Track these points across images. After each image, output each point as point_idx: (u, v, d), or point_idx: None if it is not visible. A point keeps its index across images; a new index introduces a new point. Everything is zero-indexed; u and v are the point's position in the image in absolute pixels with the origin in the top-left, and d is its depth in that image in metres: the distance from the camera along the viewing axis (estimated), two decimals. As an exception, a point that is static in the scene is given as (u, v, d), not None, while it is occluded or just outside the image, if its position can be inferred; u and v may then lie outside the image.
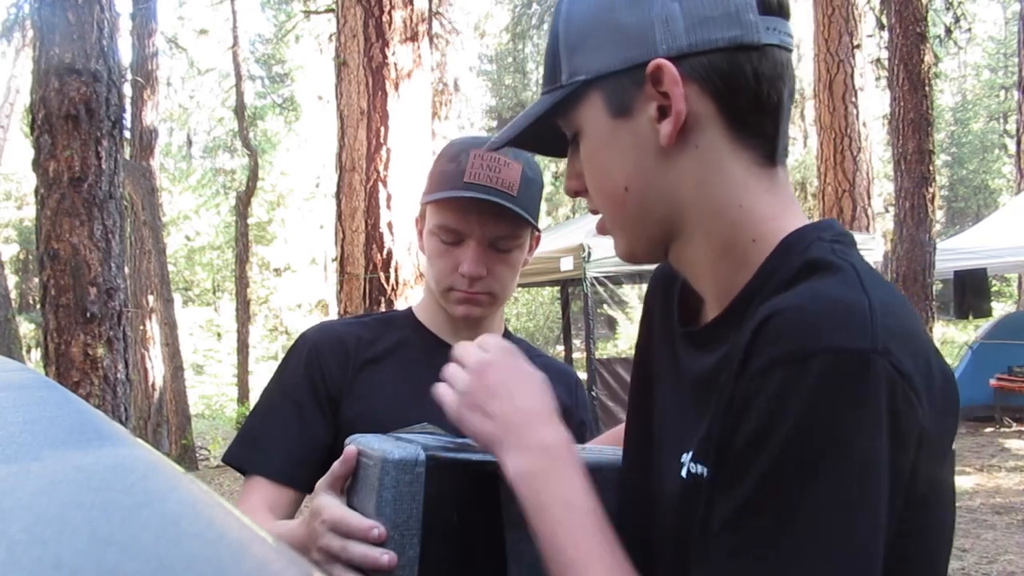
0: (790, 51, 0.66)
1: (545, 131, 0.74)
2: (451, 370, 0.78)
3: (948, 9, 10.05)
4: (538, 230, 1.21)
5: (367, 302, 4.06)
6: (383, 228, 4.08)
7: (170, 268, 12.73)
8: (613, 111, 0.66)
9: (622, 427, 0.92)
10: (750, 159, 0.65)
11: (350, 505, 0.84)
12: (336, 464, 0.85)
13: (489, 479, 0.76)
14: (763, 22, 0.63)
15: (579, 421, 1.27)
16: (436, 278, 1.17)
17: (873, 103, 11.09)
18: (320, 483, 0.87)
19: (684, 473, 0.65)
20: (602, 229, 0.74)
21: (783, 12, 0.65)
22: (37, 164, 3.94)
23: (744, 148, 0.65)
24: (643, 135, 0.65)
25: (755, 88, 0.63)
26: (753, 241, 0.65)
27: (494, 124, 25.64)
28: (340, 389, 1.16)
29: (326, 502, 0.83)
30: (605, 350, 14.34)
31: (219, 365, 18.86)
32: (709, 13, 0.62)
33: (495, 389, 0.74)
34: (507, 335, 1.31)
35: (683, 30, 0.63)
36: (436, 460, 0.77)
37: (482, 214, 1.12)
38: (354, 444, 0.85)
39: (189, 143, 22.22)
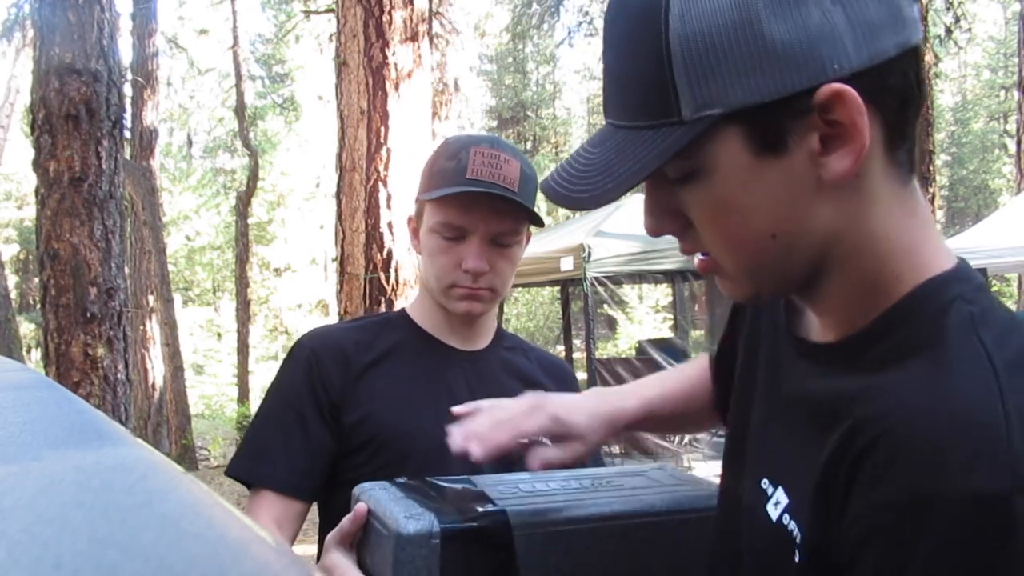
0: None
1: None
2: None
3: (948, 9, 10.05)
4: (541, 224, 1.21)
5: (367, 302, 4.06)
6: (383, 228, 4.08)
7: (170, 268, 12.73)
8: (759, 148, 0.54)
9: (681, 371, 0.96)
10: (896, 178, 0.56)
11: (361, 563, 0.84)
12: (346, 521, 0.84)
13: (505, 545, 0.78)
14: (915, 10, 0.54)
15: None
16: (437, 275, 1.17)
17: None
18: (329, 539, 0.86)
19: (772, 512, 0.61)
20: (709, 269, 0.62)
21: None
22: (37, 164, 3.94)
23: (893, 166, 0.56)
24: (799, 173, 0.54)
25: (915, 96, 0.55)
26: (896, 277, 0.57)
27: (494, 124, 25.64)
28: (341, 396, 1.15)
29: (338, 562, 0.83)
30: (605, 350, 14.34)
31: (219, 365, 18.85)
32: (876, 18, 0.52)
33: None
34: (500, 332, 1.31)
35: (852, 43, 0.51)
36: (451, 531, 0.77)
37: (485, 210, 1.13)
38: (363, 497, 0.85)
39: (189, 143, 22.22)
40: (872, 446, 0.51)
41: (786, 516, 0.60)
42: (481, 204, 1.12)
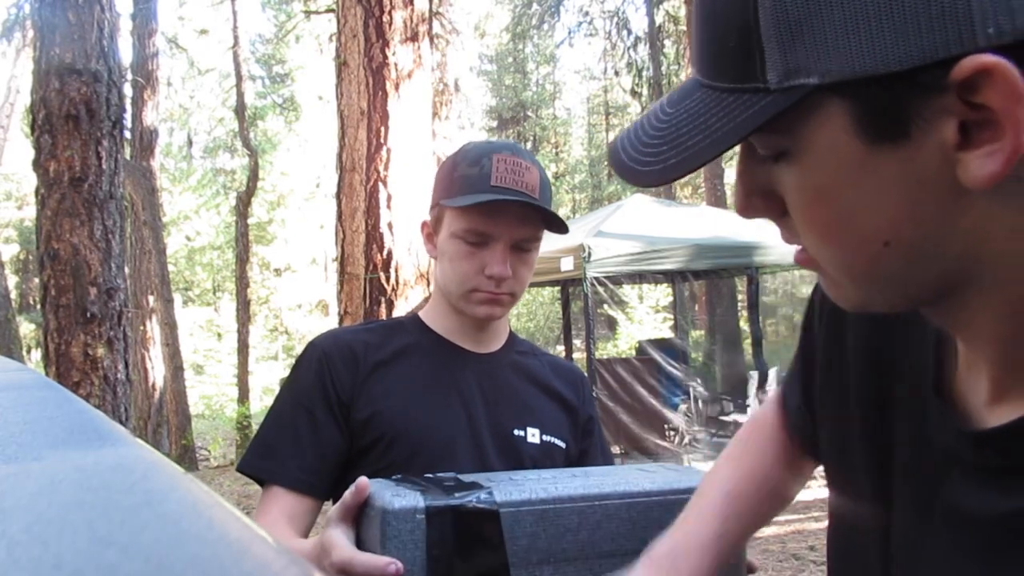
0: None
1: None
2: None
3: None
4: (566, 229, 1.22)
5: (367, 302, 4.06)
6: (383, 228, 4.08)
7: (170, 268, 12.74)
8: (871, 134, 0.41)
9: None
10: None
11: (359, 539, 0.87)
12: (347, 494, 0.87)
13: (491, 520, 0.82)
14: None
15: (587, 416, 1.30)
16: (459, 280, 1.18)
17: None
18: (331, 513, 0.89)
19: None
20: (807, 265, 0.50)
21: None
22: (37, 164, 3.94)
23: None
24: (926, 169, 0.41)
25: None
26: None
27: (494, 124, 25.65)
28: (351, 394, 1.17)
29: (336, 540, 0.86)
30: (605, 350, 14.35)
31: (219, 365, 18.86)
32: None
33: None
34: (512, 336, 1.32)
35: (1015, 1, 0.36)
36: (435, 506, 0.82)
37: (510, 217, 1.14)
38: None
39: (189, 143, 22.22)
40: None
41: None
42: (506, 211, 1.14)
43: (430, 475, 0.95)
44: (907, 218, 0.42)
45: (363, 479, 0.87)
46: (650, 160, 0.47)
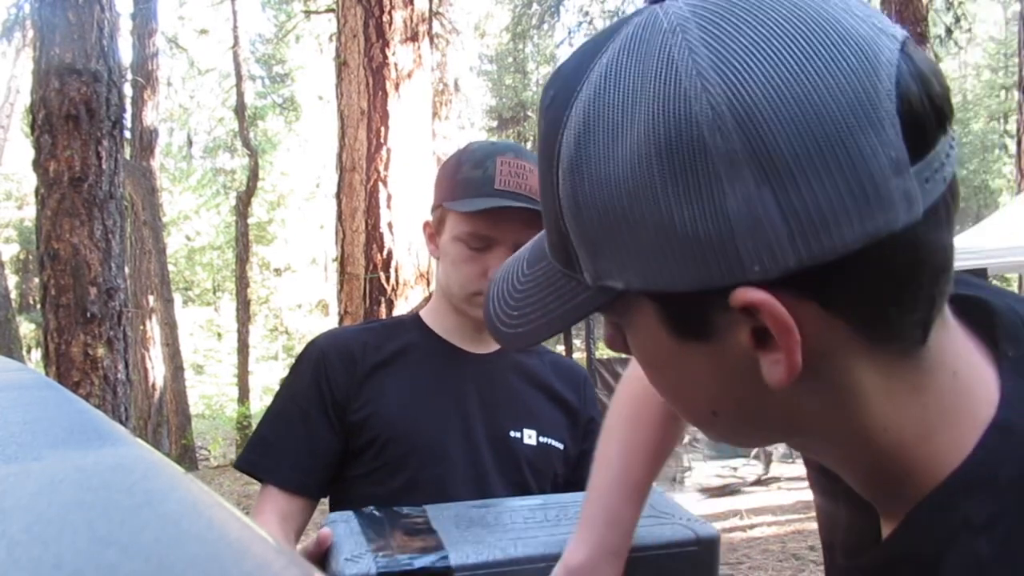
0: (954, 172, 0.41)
1: None
2: None
3: (948, 9, 10.06)
4: None
5: (367, 302, 4.06)
6: (383, 228, 4.08)
7: (170, 268, 12.74)
8: (678, 333, 0.45)
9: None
10: (893, 358, 0.44)
11: None
12: (310, 543, 0.89)
13: None
14: (919, 173, 0.39)
15: (588, 418, 1.29)
16: (461, 283, 1.18)
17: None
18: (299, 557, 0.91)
19: None
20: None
21: (942, 121, 0.40)
22: (37, 164, 3.94)
23: (883, 350, 0.43)
24: (733, 361, 0.44)
25: (912, 279, 0.41)
26: (907, 475, 0.46)
27: (494, 124, 25.65)
28: (346, 395, 1.18)
29: None
30: (605, 350, 14.33)
31: (219, 365, 18.87)
32: (827, 202, 0.38)
33: None
34: None
35: (787, 237, 0.38)
36: (387, 573, 0.82)
37: (514, 222, 1.13)
38: (328, 527, 0.91)
39: (189, 143, 22.21)
40: None
41: None
42: (510, 216, 1.13)
43: (396, 511, 0.95)
44: (725, 398, 0.46)
45: (324, 532, 0.89)
46: (506, 324, 0.53)
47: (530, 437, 1.20)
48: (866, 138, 0.38)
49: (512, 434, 1.19)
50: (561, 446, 1.22)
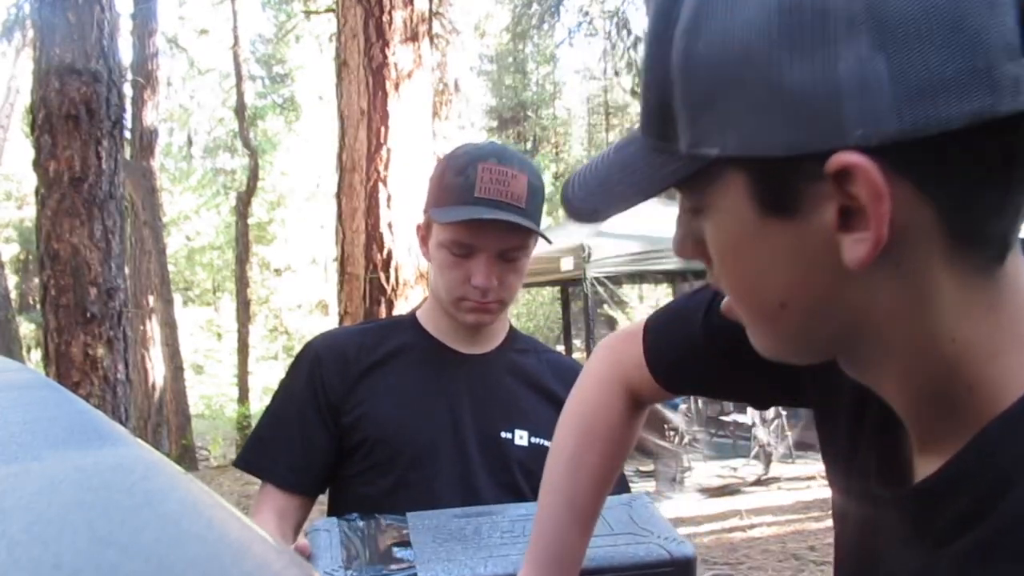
0: None
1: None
2: None
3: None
4: (548, 240, 1.23)
5: (367, 302, 4.06)
6: (383, 228, 4.07)
7: (170, 268, 12.73)
8: (765, 206, 0.44)
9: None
10: (970, 267, 0.43)
11: None
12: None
13: None
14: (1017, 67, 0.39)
15: None
16: (447, 288, 1.19)
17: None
18: None
19: None
20: (730, 314, 0.53)
21: None
22: (37, 164, 3.94)
23: (964, 254, 0.43)
24: (813, 242, 0.44)
25: (1004, 179, 0.41)
26: (969, 390, 0.45)
27: (494, 124, 25.64)
28: (340, 396, 1.20)
29: None
30: (605, 350, 14.29)
31: (219, 365, 18.85)
32: (937, 72, 0.38)
33: None
34: (513, 334, 1.32)
35: (891, 104, 0.38)
36: None
37: (494, 230, 1.14)
38: (309, 536, 0.94)
39: (189, 143, 22.20)
40: None
41: None
42: (490, 224, 1.14)
43: (379, 519, 0.96)
44: (799, 285, 0.46)
45: (302, 543, 0.92)
46: (584, 199, 0.53)
47: (521, 438, 1.20)
48: (985, 17, 0.38)
49: (503, 435, 1.20)
50: None
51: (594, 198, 0.52)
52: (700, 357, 0.73)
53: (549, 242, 1.24)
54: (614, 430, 0.82)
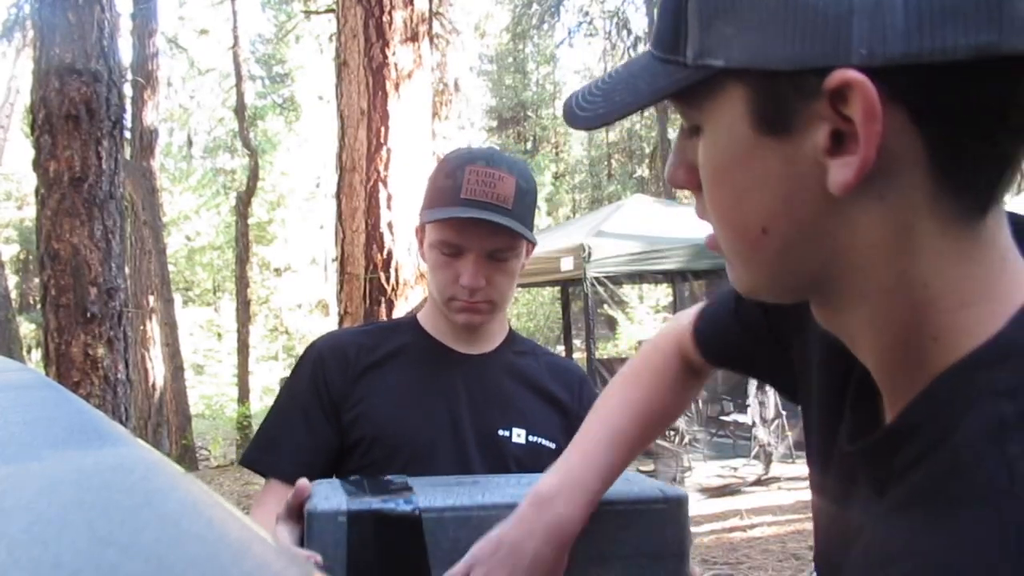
0: None
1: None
2: None
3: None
4: (533, 242, 1.25)
5: (367, 302, 4.06)
6: (383, 228, 4.07)
7: (170, 268, 12.73)
8: (760, 123, 0.45)
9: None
10: (952, 213, 0.43)
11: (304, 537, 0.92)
12: (290, 496, 0.91)
13: (413, 525, 0.85)
14: None
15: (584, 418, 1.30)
16: (438, 289, 1.23)
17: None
18: (279, 512, 0.94)
19: None
20: (713, 247, 0.54)
21: None
22: (37, 164, 3.94)
23: (948, 199, 0.43)
24: (801, 165, 0.44)
25: (997, 123, 0.41)
26: (934, 339, 0.45)
27: (494, 124, 25.64)
28: (341, 395, 1.22)
29: (280, 533, 0.91)
30: (605, 350, 14.34)
31: (219, 365, 18.86)
32: (953, 2, 0.38)
33: None
34: (512, 336, 1.33)
35: (901, 26, 0.39)
36: (356, 510, 0.85)
37: (480, 230, 1.17)
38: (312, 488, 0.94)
39: (189, 143, 22.20)
40: None
41: None
42: (475, 224, 1.16)
43: (380, 479, 0.97)
44: (783, 210, 0.46)
45: (303, 481, 0.91)
46: (587, 108, 0.53)
47: (519, 436, 1.22)
48: None
49: (501, 433, 1.22)
50: (553, 445, 1.23)
51: (595, 105, 0.53)
52: (732, 331, 0.76)
53: (534, 243, 1.25)
54: (661, 374, 0.86)
